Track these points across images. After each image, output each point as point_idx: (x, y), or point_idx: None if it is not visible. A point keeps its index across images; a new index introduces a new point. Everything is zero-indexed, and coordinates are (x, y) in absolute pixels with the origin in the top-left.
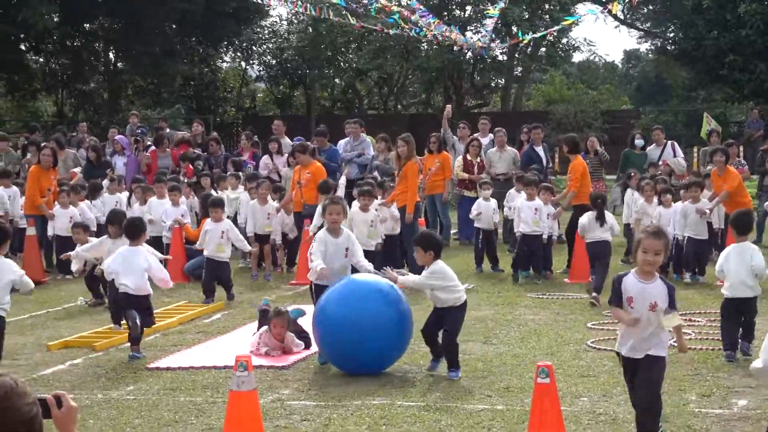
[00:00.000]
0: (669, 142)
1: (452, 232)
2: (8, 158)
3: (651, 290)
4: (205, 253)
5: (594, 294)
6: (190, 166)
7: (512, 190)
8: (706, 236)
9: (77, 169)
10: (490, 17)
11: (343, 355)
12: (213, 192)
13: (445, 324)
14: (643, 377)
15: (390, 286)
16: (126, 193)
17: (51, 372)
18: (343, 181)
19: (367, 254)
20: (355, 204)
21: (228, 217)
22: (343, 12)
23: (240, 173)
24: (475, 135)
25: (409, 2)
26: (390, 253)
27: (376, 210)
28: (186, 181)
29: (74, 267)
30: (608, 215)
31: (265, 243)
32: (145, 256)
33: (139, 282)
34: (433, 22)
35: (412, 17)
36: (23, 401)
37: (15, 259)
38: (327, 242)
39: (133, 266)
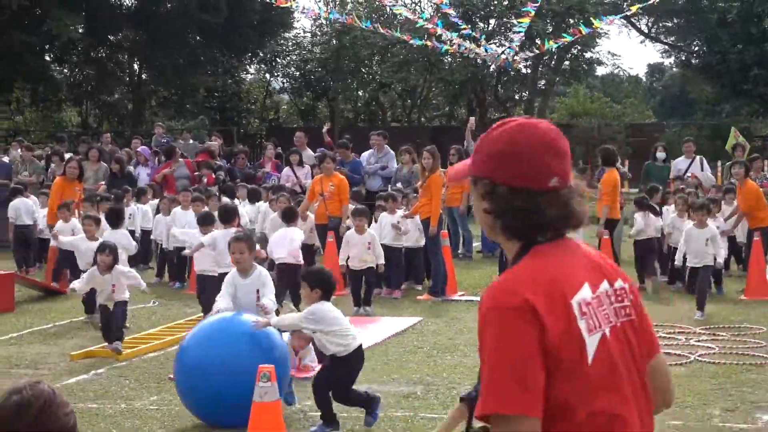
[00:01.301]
0: (698, 156)
1: (474, 244)
2: (32, 168)
3: None
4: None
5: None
6: (212, 175)
7: None
8: (711, 262)
9: (102, 182)
10: (519, 31)
11: (197, 405)
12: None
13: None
14: None
15: (266, 332)
16: (150, 204)
17: (75, 381)
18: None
19: (368, 271)
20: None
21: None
22: (371, 26)
23: (256, 186)
24: None
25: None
26: (414, 266)
27: (399, 222)
28: (207, 189)
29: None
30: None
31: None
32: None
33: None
34: (456, 36)
35: (438, 31)
36: (62, 411)
37: (36, 269)
38: (235, 283)
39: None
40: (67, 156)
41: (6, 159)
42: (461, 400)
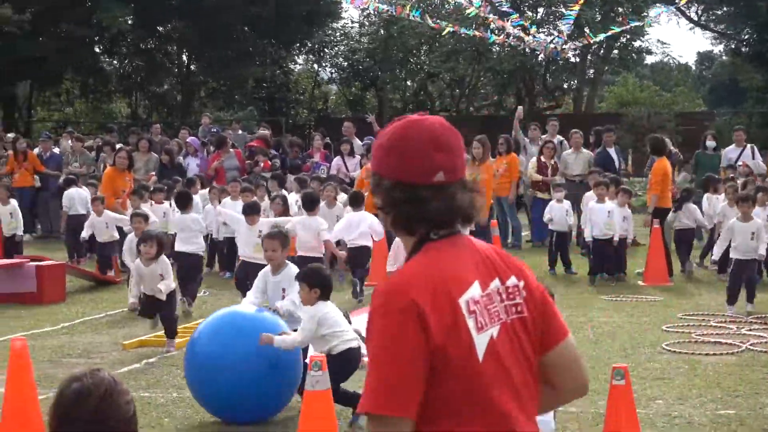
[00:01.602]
0: (749, 145)
1: (523, 233)
2: (83, 159)
3: None
4: (240, 254)
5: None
6: (269, 162)
7: (589, 193)
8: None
9: (153, 173)
10: (568, 19)
11: (207, 400)
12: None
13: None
14: None
15: (276, 325)
16: (200, 195)
17: (127, 371)
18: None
19: None
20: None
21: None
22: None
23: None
24: (544, 137)
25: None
26: None
27: None
28: (257, 177)
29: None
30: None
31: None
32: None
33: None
34: (509, 24)
35: (490, 19)
36: (123, 399)
37: (87, 260)
38: (267, 279)
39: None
40: (117, 147)
41: (57, 150)
42: None
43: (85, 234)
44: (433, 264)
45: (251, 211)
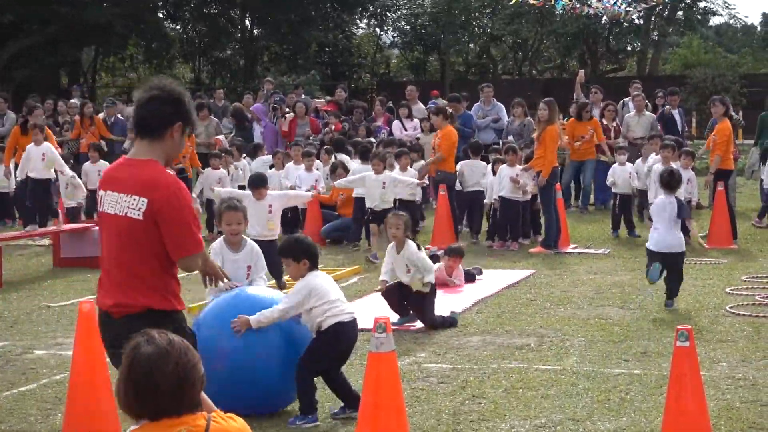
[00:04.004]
0: None
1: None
2: None
3: None
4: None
5: None
6: (339, 124)
7: (653, 154)
8: None
9: (221, 137)
10: None
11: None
12: (346, 158)
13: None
14: None
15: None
16: (266, 158)
17: None
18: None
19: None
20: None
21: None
22: None
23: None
24: (631, 96)
25: None
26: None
27: (518, 175)
28: (323, 141)
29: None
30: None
31: (380, 222)
32: None
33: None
34: None
35: None
36: (195, 358)
37: None
38: (224, 257)
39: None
40: None
41: (120, 116)
42: None
43: None
44: None
45: (260, 184)
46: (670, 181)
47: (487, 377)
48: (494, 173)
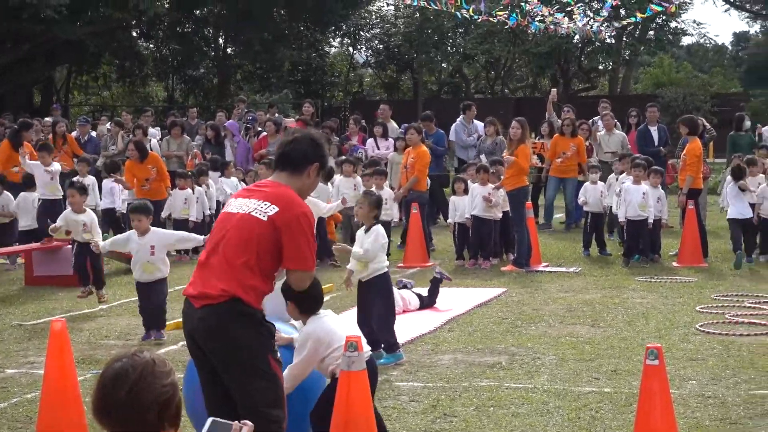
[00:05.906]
0: None
1: (556, 216)
2: (124, 143)
3: None
4: (136, 276)
5: None
6: None
7: (623, 175)
8: None
9: (198, 151)
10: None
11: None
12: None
13: None
14: None
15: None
16: (234, 179)
17: (164, 352)
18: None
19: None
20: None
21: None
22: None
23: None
24: (596, 118)
25: None
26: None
27: (490, 194)
28: None
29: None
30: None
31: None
32: None
33: None
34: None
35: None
36: (160, 381)
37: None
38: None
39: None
40: (152, 131)
41: (94, 134)
42: None
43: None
44: None
45: (140, 212)
46: (738, 173)
47: (458, 395)
48: (454, 192)
